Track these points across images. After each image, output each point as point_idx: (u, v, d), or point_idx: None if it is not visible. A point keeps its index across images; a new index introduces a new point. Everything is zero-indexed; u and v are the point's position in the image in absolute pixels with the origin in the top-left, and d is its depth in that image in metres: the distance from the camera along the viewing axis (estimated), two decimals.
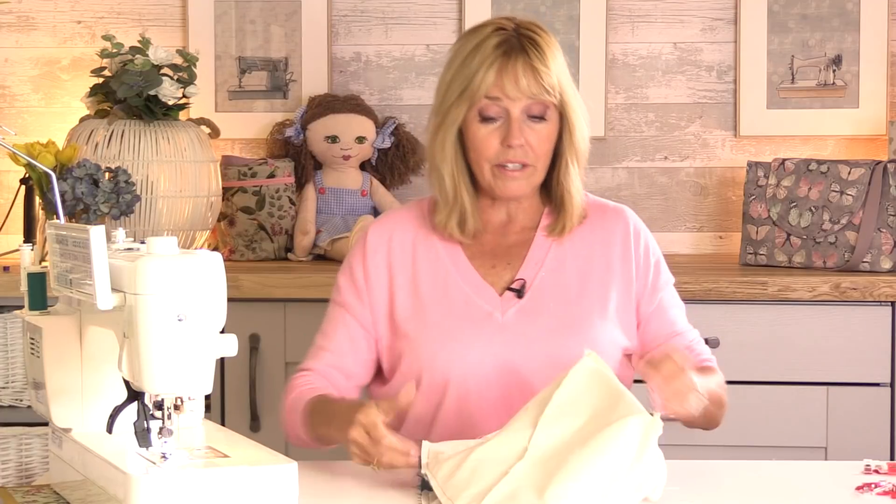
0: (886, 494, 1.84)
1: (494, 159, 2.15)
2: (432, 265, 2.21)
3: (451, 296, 2.18)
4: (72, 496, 1.85)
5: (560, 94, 2.14)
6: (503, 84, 2.11)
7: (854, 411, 2.88)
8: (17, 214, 3.30)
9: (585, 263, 2.20)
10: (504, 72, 2.12)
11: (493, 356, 2.13)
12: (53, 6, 3.54)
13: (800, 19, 3.42)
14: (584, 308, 2.17)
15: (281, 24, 3.51)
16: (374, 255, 2.22)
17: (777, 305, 2.89)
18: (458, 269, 2.20)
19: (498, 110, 2.13)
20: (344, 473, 1.97)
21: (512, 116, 2.12)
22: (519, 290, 2.17)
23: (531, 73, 2.12)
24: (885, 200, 2.99)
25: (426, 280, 2.20)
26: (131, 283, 1.66)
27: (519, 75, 2.11)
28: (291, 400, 2.16)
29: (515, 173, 2.15)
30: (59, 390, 1.86)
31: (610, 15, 3.46)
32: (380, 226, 2.26)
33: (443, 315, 2.16)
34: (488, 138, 2.14)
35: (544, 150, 2.16)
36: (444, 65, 2.20)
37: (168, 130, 3.17)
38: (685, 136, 3.47)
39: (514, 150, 2.13)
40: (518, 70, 2.11)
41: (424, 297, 2.18)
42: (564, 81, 2.16)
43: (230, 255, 3.32)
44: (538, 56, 2.12)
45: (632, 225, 2.23)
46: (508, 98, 2.12)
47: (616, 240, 2.21)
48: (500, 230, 2.24)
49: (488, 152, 2.15)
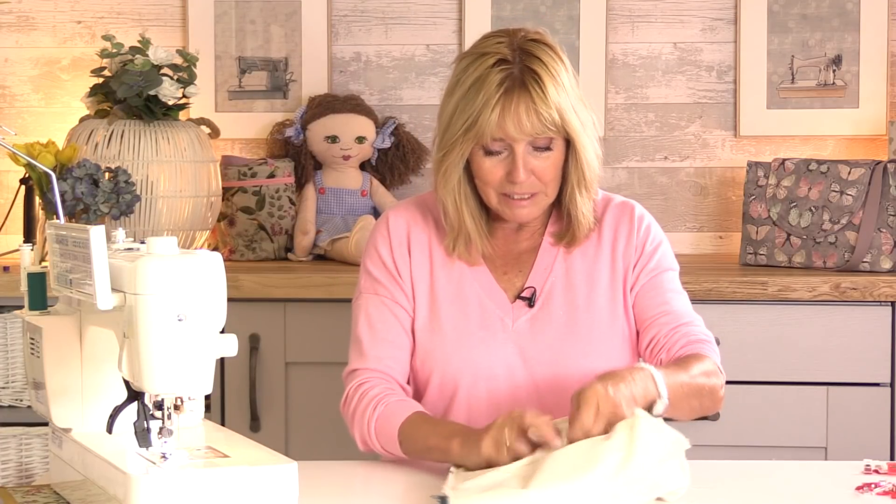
0: (886, 494, 1.84)
1: (500, 188, 2.14)
2: (447, 263, 2.21)
3: (465, 297, 2.18)
4: (72, 496, 1.85)
5: (564, 126, 2.11)
6: (505, 125, 2.08)
7: (854, 411, 2.88)
8: (17, 214, 3.30)
9: (594, 265, 2.19)
10: (506, 113, 2.07)
11: (504, 363, 2.14)
12: (53, 6, 3.54)
13: (800, 19, 3.42)
14: (592, 314, 2.16)
15: (281, 24, 3.51)
16: (399, 245, 2.21)
17: (777, 305, 2.89)
18: (472, 271, 2.20)
19: (502, 145, 2.12)
20: (344, 473, 1.97)
21: (516, 153, 2.10)
22: (529, 298, 2.17)
23: (534, 115, 2.07)
24: (885, 200, 2.99)
25: (441, 277, 2.19)
26: (131, 283, 1.66)
27: (522, 118, 2.07)
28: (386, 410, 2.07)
29: (523, 202, 2.15)
30: (59, 390, 1.86)
31: (610, 15, 3.46)
32: (398, 216, 2.24)
33: (457, 317, 2.17)
34: (493, 170, 2.13)
35: (551, 176, 2.14)
36: (446, 89, 2.15)
37: (168, 130, 3.17)
38: (685, 136, 3.47)
39: (519, 185, 2.12)
40: (521, 112, 2.07)
41: (440, 295, 2.18)
42: (567, 110, 2.09)
43: (230, 255, 3.32)
44: (540, 94, 2.07)
45: (636, 216, 2.22)
46: (511, 138, 2.10)
47: (621, 233, 2.21)
48: (511, 237, 2.23)
49: (493, 182, 2.13)
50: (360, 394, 2.11)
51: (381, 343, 2.16)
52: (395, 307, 2.18)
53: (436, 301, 2.18)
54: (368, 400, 2.09)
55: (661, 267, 2.21)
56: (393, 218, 2.24)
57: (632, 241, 2.20)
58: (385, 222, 2.24)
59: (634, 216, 2.23)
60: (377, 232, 2.24)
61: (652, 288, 2.19)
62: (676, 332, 2.15)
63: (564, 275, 2.19)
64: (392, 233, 2.22)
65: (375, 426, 2.06)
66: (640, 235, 2.21)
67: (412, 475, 1.92)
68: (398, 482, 1.91)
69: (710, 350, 2.14)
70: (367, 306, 2.20)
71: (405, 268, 2.20)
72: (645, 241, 2.21)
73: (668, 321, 2.16)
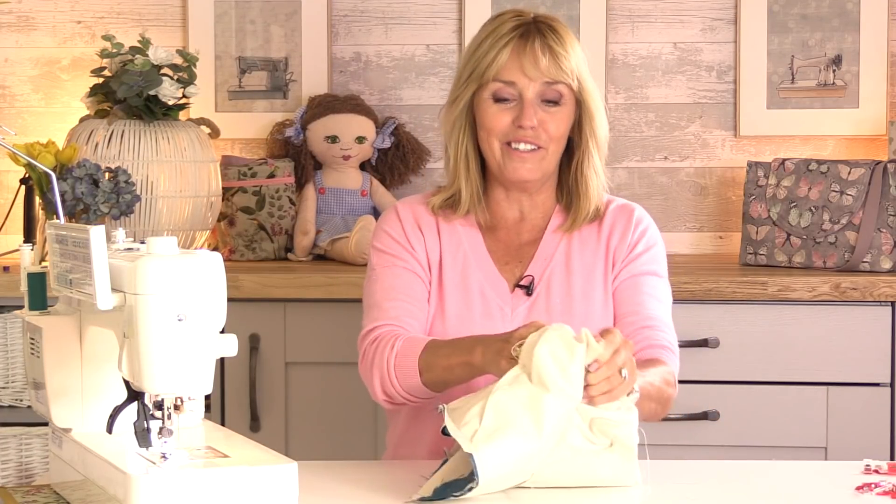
0: (886, 494, 1.84)
1: (504, 136, 2.14)
2: (454, 251, 2.22)
3: (468, 283, 2.19)
4: (72, 496, 1.85)
5: (578, 80, 2.14)
6: (522, 64, 2.11)
7: (854, 411, 2.88)
8: (17, 214, 3.30)
9: (591, 258, 2.21)
10: (521, 53, 2.11)
11: None
12: (53, 6, 3.54)
13: (800, 19, 3.42)
14: (588, 304, 2.17)
15: (281, 24, 3.51)
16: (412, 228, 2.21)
17: (777, 305, 2.89)
18: (476, 259, 2.21)
19: (512, 92, 2.13)
20: (344, 473, 1.97)
21: (525, 98, 2.12)
22: (528, 286, 2.18)
23: (550, 54, 2.12)
24: (885, 200, 2.99)
25: (448, 263, 2.21)
26: (131, 283, 1.66)
27: (538, 55, 2.11)
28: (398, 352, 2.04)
29: (526, 155, 2.15)
30: (59, 390, 1.86)
31: (610, 15, 3.46)
32: (406, 206, 2.26)
33: (459, 304, 2.18)
34: (499, 115, 2.14)
35: (558, 133, 2.15)
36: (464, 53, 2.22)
37: (168, 130, 3.17)
38: (685, 136, 3.47)
39: (525, 131, 2.12)
40: (536, 50, 2.11)
41: (446, 280, 2.20)
42: (583, 69, 2.16)
43: (230, 255, 3.32)
44: (556, 40, 2.13)
45: (636, 217, 2.24)
46: (526, 77, 2.11)
47: (617, 230, 2.22)
48: (513, 227, 2.24)
49: (498, 128, 2.14)
50: (376, 343, 2.09)
51: (398, 302, 2.14)
52: (412, 274, 2.17)
53: (443, 288, 2.19)
54: (386, 342, 2.07)
55: (646, 270, 2.21)
56: (401, 207, 2.26)
57: (625, 240, 2.21)
58: (394, 210, 2.26)
59: (633, 217, 2.24)
60: (387, 218, 2.25)
61: (631, 287, 2.19)
62: (639, 334, 2.14)
63: (563, 265, 2.20)
64: (402, 217, 2.23)
65: (395, 362, 2.04)
66: (635, 236, 2.22)
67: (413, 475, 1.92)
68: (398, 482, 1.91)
69: (670, 358, 2.13)
70: (382, 278, 2.18)
71: (419, 245, 2.20)
72: (637, 242, 2.22)
73: (635, 321, 2.16)
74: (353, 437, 2.95)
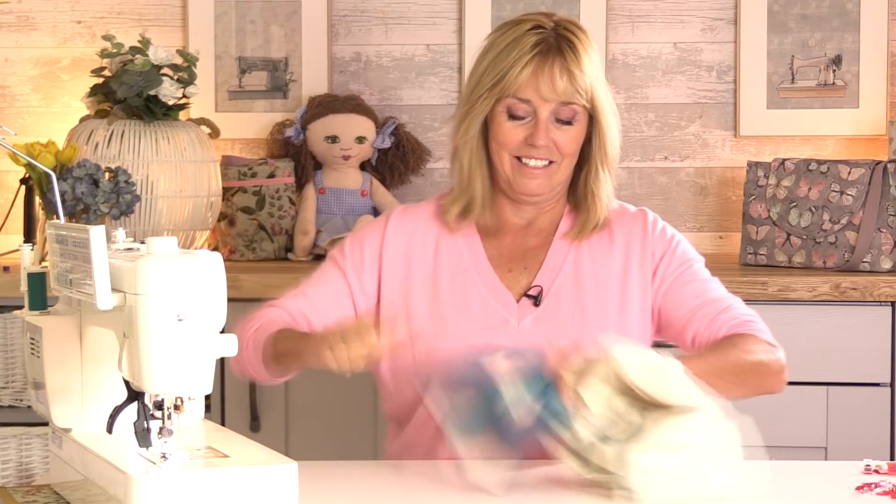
0: (886, 494, 1.84)
1: (516, 150, 2.14)
2: (453, 264, 2.20)
3: (468, 297, 2.17)
4: (72, 496, 1.85)
5: (591, 98, 2.14)
6: (538, 85, 2.11)
7: (854, 411, 2.88)
8: (17, 214, 3.30)
9: (603, 269, 2.19)
10: (540, 73, 2.11)
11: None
12: (53, 6, 3.54)
13: (800, 19, 3.42)
14: (599, 317, 2.15)
15: (281, 24, 3.51)
16: (393, 242, 2.21)
17: (777, 305, 2.89)
18: (477, 271, 2.19)
19: (527, 109, 2.13)
20: (344, 473, 1.97)
21: (540, 118, 2.12)
22: (536, 297, 2.17)
23: (567, 76, 2.11)
24: (885, 200, 2.99)
25: (446, 278, 2.19)
26: (131, 283, 1.66)
27: (556, 77, 2.11)
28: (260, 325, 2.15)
29: (537, 171, 2.15)
30: (59, 390, 1.86)
31: (610, 15, 3.46)
32: (404, 217, 2.25)
33: (460, 318, 2.15)
34: (513, 130, 2.14)
35: (570, 150, 2.16)
36: (479, 53, 2.19)
37: (168, 130, 3.17)
38: (685, 136, 3.47)
39: (538, 150, 2.13)
40: (555, 72, 2.11)
41: (443, 296, 2.17)
42: (598, 85, 2.15)
43: (230, 255, 3.32)
44: (574, 59, 2.12)
45: (650, 221, 2.23)
46: (541, 98, 2.11)
47: (635, 241, 2.21)
48: (519, 233, 2.23)
49: (511, 143, 2.14)
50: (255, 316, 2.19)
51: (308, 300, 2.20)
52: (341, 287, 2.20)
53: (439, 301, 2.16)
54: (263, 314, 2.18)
55: (686, 262, 2.21)
56: (396, 219, 2.24)
57: (647, 247, 2.20)
58: (385, 221, 2.24)
59: (647, 221, 2.23)
60: (375, 225, 2.24)
61: (683, 283, 2.18)
62: (716, 322, 2.14)
63: (573, 276, 2.18)
64: (388, 232, 2.22)
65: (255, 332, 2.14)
66: (656, 238, 2.21)
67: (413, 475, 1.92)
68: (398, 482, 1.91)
69: (754, 328, 2.14)
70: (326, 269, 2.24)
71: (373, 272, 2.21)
72: (661, 243, 2.21)
73: (707, 313, 2.16)
74: (353, 438, 2.95)
